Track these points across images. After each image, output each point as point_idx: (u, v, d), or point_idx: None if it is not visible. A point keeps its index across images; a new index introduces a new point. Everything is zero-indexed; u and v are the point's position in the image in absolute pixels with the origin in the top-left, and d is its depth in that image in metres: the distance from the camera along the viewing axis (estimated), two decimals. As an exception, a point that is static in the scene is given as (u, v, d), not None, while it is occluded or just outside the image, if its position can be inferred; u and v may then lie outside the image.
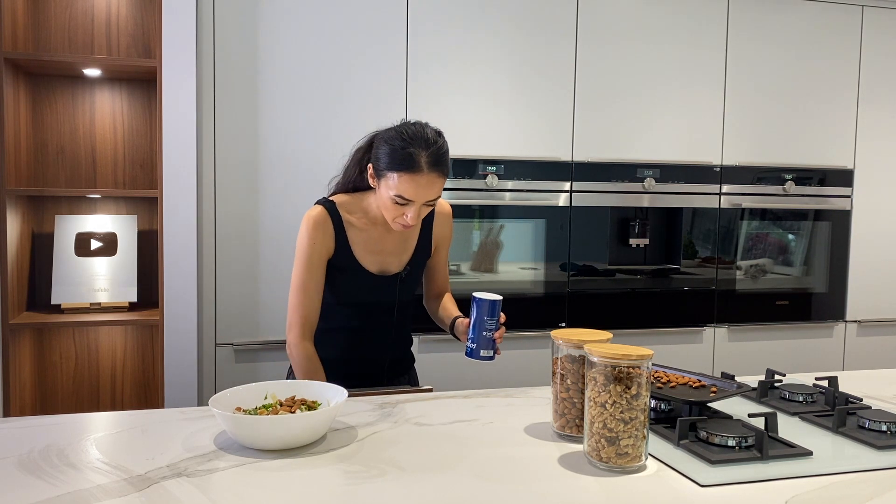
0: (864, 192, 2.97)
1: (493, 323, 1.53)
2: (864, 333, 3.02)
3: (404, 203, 1.54)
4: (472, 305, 1.55)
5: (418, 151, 1.52)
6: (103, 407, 2.61)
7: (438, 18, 2.49)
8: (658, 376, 1.45)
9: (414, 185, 1.52)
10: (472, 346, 1.54)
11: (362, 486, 1.02)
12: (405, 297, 1.75)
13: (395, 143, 1.54)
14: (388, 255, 1.70)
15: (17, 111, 2.36)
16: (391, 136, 1.56)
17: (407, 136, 1.54)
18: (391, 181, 1.53)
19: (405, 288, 1.74)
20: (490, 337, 1.53)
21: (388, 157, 1.54)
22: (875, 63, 2.95)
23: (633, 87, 2.69)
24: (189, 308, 2.30)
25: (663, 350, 2.78)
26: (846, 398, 1.43)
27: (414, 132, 1.55)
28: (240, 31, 2.33)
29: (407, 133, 1.55)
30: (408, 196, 1.53)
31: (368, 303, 1.71)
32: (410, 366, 1.84)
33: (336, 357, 1.70)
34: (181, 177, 2.28)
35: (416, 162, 1.52)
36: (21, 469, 1.06)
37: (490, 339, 1.53)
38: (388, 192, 1.54)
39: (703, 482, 1.05)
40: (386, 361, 1.77)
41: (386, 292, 1.71)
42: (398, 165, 1.52)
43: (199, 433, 1.23)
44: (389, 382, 1.77)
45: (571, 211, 2.65)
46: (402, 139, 1.53)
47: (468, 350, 1.55)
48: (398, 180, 1.52)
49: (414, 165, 1.51)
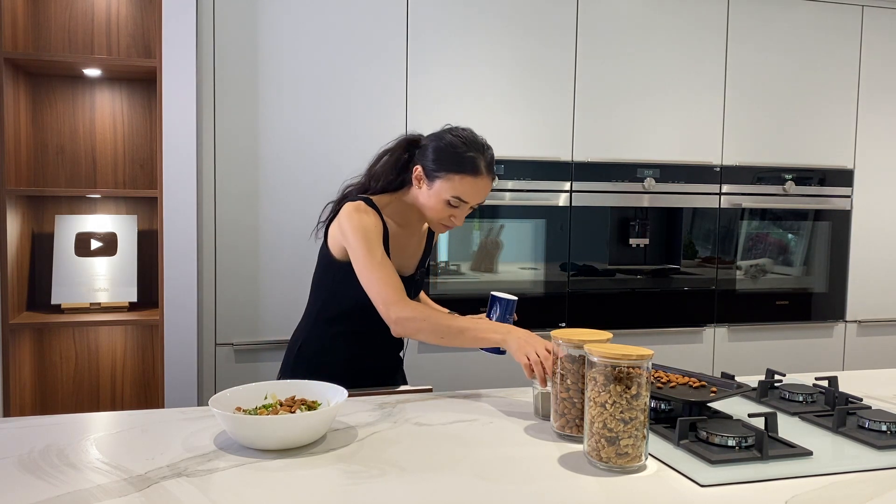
0: (864, 192, 2.97)
1: (511, 321, 1.65)
2: (864, 333, 3.02)
3: (457, 205, 1.61)
4: (493, 305, 1.66)
5: (478, 156, 1.60)
6: (103, 407, 2.61)
7: (439, 18, 2.49)
8: (658, 376, 1.45)
9: (474, 187, 1.60)
10: None
11: (362, 486, 1.02)
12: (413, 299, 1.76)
13: (455, 147, 1.60)
14: (408, 257, 1.74)
15: (17, 111, 2.36)
16: (447, 138, 1.62)
17: (466, 141, 1.61)
18: (450, 183, 1.59)
19: (416, 289, 1.78)
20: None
21: (447, 160, 1.59)
22: (875, 63, 2.95)
23: (633, 87, 2.69)
24: (189, 308, 2.30)
25: (663, 350, 2.79)
26: (846, 398, 1.43)
27: (470, 137, 1.63)
28: (240, 31, 2.33)
29: (464, 137, 1.62)
30: (466, 198, 1.60)
31: None
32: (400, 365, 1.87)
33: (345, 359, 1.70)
34: (181, 177, 2.28)
35: (478, 166, 1.59)
36: (21, 469, 1.06)
37: None
38: (444, 193, 1.60)
39: (703, 482, 1.05)
40: (391, 362, 1.79)
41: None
42: (460, 168, 1.58)
43: (199, 433, 1.23)
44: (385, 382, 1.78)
45: (571, 211, 2.65)
46: (463, 143, 1.60)
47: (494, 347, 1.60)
48: (459, 182, 1.59)
49: (475, 169, 1.59)
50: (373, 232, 1.60)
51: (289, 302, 2.42)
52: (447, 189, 1.59)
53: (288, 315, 2.42)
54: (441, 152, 1.60)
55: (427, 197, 1.63)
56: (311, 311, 1.76)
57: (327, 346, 1.70)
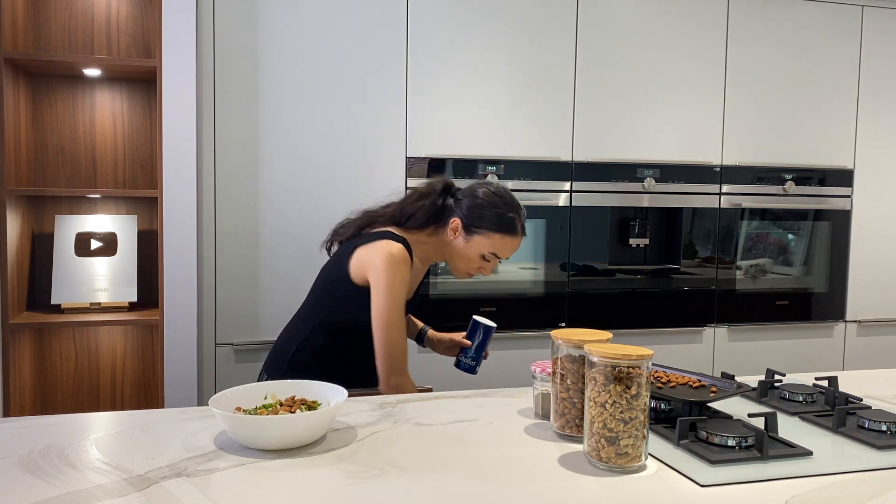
0: (864, 192, 2.97)
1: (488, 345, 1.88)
2: (864, 333, 3.02)
3: (490, 259, 1.75)
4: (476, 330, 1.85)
5: (517, 216, 1.74)
6: (103, 407, 2.61)
7: (439, 18, 2.49)
8: (658, 376, 1.45)
9: (511, 245, 1.74)
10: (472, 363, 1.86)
11: (362, 486, 1.02)
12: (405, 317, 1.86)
13: (496, 206, 1.72)
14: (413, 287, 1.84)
15: (17, 111, 2.36)
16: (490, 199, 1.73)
17: (507, 201, 1.74)
18: (488, 240, 1.72)
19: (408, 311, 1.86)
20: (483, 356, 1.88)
21: (488, 219, 1.71)
22: (875, 63, 2.95)
23: (632, 87, 2.69)
24: (189, 308, 2.30)
25: (663, 350, 2.79)
26: (846, 398, 1.43)
27: (510, 199, 1.75)
28: (240, 31, 2.33)
29: (504, 197, 1.74)
30: (501, 254, 1.74)
31: None
32: None
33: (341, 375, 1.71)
34: (181, 177, 2.28)
35: (516, 226, 1.74)
36: (21, 469, 1.06)
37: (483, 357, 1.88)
38: (481, 248, 1.73)
39: (703, 482, 1.05)
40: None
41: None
42: (501, 228, 1.72)
43: (199, 433, 1.23)
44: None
45: (571, 211, 2.65)
46: (504, 203, 1.73)
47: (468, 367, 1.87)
48: (498, 241, 1.72)
49: (514, 230, 1.73)
50: (404, 290, 1.67)
51: (289, 302, 2.41)
52: (485, 245, 1.72)
53: (288, 315, 2.41)
54: (482, 209, 1.72)
55: (462, 248, 1.74)
56: (310, 319, 1.76)
57: (324, 359, 1.72)
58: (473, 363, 1.85)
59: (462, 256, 1.75)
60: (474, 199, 1.74)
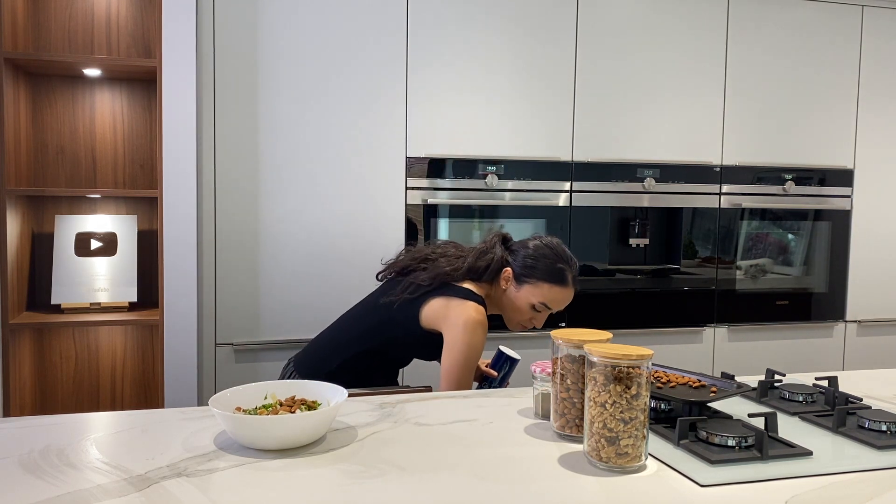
0: (864, 192, 2.97)
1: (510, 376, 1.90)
2: (864, 333, 3.02)
3: (541, 310, 1.79)
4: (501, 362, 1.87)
5: (568, 269, 1.78)
6: (103, 407, 2.61)
7: (438, 18, 2.49)
8: (658, 376, 1.45)
9: (561, 297, 1.78)
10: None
11: (362, 486, 1.02)
12: None
13: (547, 257, 1.77)
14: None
15: (17, 111, 2.36)
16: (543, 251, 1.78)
17: (558, 253, 1.78)
18: (539, 290, 1.76)
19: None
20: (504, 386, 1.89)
21: (540, 269, 1.76)
22: (875, 63, 2.95)
23: (632, 87, 2.69)
24: (189, 308, 2.30)
25: (663, 350, 2.79)
26: (846, 398, 1.43)
27: (561, 251, 1.79)
28: (240, 31, 2.33)
29: (556, 249, 1.79)
30: (552, 305, 1.78)
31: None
32: None
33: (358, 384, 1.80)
34: (181, 177, 2.28)
35: (566, 278, 1.78)
36: (21, 469, 1.06)
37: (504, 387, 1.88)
38: (532, 298, 1.77)
39: (703, 482, 1.05)
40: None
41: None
42: (550, 278, 1.76)
43: (199, 433, 1.23)
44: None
45: (571, 211, 2.65)
46: (556, 255, 1.78)
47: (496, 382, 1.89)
48: (548, 291, 1.76)
49: (565, 281, 1.78)
50: (479, 353, 1.72)
51: (289, 302, 2.42)
52: (536, 295, 1.76)
53: (288, 315, 2.42)
54: (535, 260, 1.77)
55: (513, 298, 1.79)
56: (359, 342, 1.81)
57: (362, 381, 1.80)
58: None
59: (515, 307, 1.80)
60: (526, 250, 1.80)
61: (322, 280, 2.44)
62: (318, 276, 2.43)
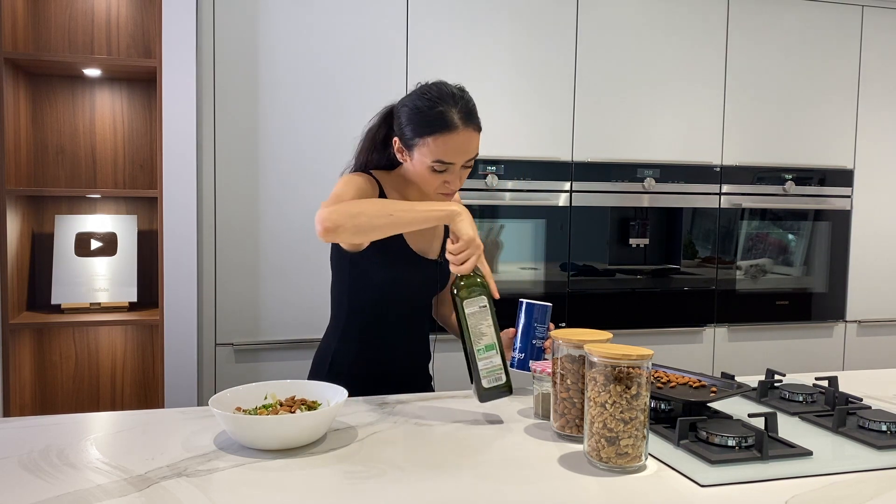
0: (864, 192, 2.97)
1: (543, 330, 1.45)
2: (864, 333, 3.02)
3: (443, 169, 1.44)
4: (519, 312, 1.47)
5: (448, 108, 1.41)
6: (103, 407, 2.61)
7: (438, 18, 2.49)
8: (658, 376, 1.45)
9: (452, 145, 1.42)
10: (519, 356, 1.45)
11: (362, 486, 1.02)
12: (441, 287, 1.66)
13: (420, 105, 1.43)
14: (427, 239, 1.59)
15: (17, 111, 2.36)
16: (413, 100, 1.45)
17: (432, 95, 1.43)
18: (425, 147, 1.42)
19: (443, 275, 1.64)
20: (540, 346, 1.45)
21: (416, 123, 1.43)
22: (875, 63, 2.95)
23: (633, 87, 2.69)
24: (189, 308, 2.30)
25: (663, 350, 2.79)
26: (846, 398, 1.43)
27: (438, 90, 1.44)
28: (240, 31, 2.33)
29: (431, 92, 1.44)
30: (447, 159, 1.42)
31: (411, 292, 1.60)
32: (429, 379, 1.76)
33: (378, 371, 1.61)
34: (181, 177, 2.28)
35: (450, 119, 1.41)
36: (21, 469, 1.06)
37: (540, 348, 1.45)
38: (424, 160, 1.43)
39: (703, 482, 1.05)
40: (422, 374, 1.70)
41: (428, 277, 1.60)
42: (430, 128, 1.41)
43: (199, 433, 1.23)
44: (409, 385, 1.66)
45: (571, 211, 2.65)
46: (428, 99, 1.43)
47: (515, 361, 1.45)
48: (434, 144, 1.41)
49: (447, 124, 1.41)
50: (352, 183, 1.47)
51: (289, 302, 2.42)
52: (426, 154, 1.43)
53: (288, 315, 2.42)
54: (411, 117, 1.44)
55: (413, 169, 1.48)
56: (336, 324, 1.64)
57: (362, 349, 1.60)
58: (520, 354, 1.45)
59: (418, 178, 1.48)
60: (405, 108, 1.46)
61: (322, 280, 2.43)
62: (319, 277, 2.43)
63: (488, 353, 1.31)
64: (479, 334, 1.30)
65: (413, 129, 1.44)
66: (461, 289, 1.31)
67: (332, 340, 1.65)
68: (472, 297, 1.31)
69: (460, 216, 1.33)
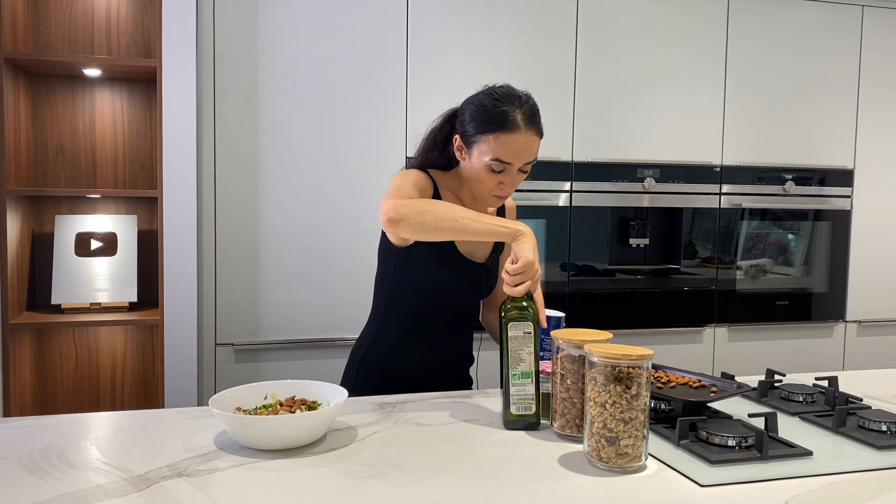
0: (864, 192, 2.97)
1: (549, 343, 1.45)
2: (864, 333, 3.02)
3: (500, 169, 1.45)
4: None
5: (513, 109, 1.44)
6: (103, 407, 2.61)
7: (439, 19, 2.49)
8: (658, 376, 1.45)
9: (512, 145, 1.44)
10: None
11: (362, 486, 1.02)
12: (488, 292, 1.66)
13: (485, 104, 1.46)
14: (471, 243, 1.59)
15: (17, 111, 2.36)
16: (478, 98, 1.49)
17: (498, 96, 1.46)
18: (485, 145, 1.44)
19: (491, 280, 1.64)
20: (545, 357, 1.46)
21: (479, 120, 1.45)
22: (875, 63, 2.95)
23: (633, 87, 2.69)
24: (189, 308, 2.30)
25: (663, 350, 2.78)
26: (846, 398, 1.43)
27: (504, 91, 1.48)
28: (240, 31, 2.33)
29: (497, 93, 1.47)
30: (505, 158, 1.44)
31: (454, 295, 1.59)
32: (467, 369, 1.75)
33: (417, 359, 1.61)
34: (181, 177, 2.28)
35: (512, 120, 1.43)
36: (21, 469, 1.06)
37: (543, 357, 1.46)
38: (483, 157, 1.45)
39: (703, 482, 1.05)
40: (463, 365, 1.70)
41: (475, 281, 1.60)
42: (493, 126, 1.44)
43: (199, 433, 1.23)
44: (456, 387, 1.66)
45: (571, 211, 2.65)
46: (494, 99, 1.46)
47: None
48: (494, 142, 1.43)
49: (509, 124, 1.43)
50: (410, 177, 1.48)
51: (289, 302, 2.42)
52: (485, 151, 1.44)
53: (288, 315, 2.42)
54: (475, 115, 1.47)
55: (470, 168, 1.49)
56: (375, 318, 1.64)
57: (398, 345, 1.60)
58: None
59: (474, 177, 1.49)
60: (470, 107, 1.49)
61: (322, 280, 2.44)
62: (319, 276, 2.43)
63: (523, 380, 1.29)
64: (518, 360, 1.29)
65: (476, 127, 1.46)
66: (509, 311, 1.29)
67: (368, 333, 1.65)
68: (518, 321, 1.29)
69: (524, 237, 1.35)
